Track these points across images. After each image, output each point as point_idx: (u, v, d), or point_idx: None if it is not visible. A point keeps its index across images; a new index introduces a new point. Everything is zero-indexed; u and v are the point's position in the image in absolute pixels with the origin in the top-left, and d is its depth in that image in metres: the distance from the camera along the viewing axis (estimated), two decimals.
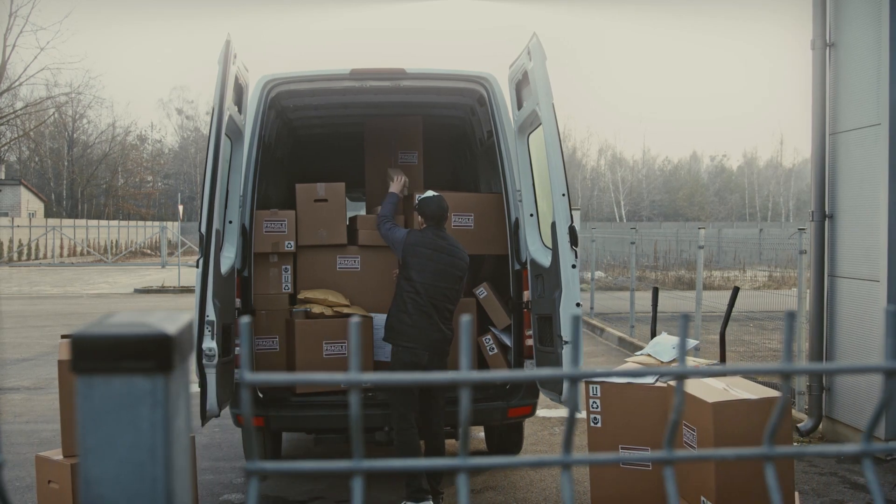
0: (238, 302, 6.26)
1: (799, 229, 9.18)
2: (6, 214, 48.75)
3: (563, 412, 8.67)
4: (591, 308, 17.40)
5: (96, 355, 0.82)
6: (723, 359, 5.47)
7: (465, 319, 1.03)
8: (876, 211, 7.16)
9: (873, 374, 1.11)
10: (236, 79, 5.74)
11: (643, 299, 15.36)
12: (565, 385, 5.54)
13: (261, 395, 6.25)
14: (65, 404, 4.72)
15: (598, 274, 22.60)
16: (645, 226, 53.32)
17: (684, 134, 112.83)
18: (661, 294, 6.22)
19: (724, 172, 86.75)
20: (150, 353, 0.83)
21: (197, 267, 5.36)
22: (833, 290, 7.81)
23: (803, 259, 8.99)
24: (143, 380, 0.83)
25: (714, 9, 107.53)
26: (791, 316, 1.30)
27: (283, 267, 6.81)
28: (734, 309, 5.54)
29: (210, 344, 5.27)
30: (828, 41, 7.81)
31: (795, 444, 7.70)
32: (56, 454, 4.87)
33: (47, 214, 57.76)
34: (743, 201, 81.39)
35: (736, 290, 5.39)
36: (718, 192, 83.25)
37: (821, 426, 8.00)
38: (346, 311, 6.57)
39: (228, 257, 6.05)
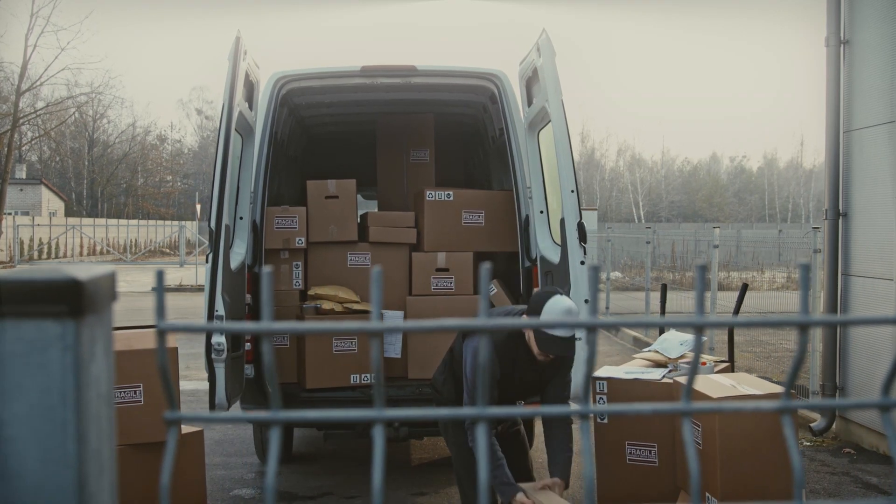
0: (249, 297, 6.29)
1: (813, 228, 9.14)
2: (27, 213, 49.16)
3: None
4: (607, 308, 17.36)
5: (6, 299, 0.84)
6: (731, 356, 5.45)
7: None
8: (889, 209, 7.12)
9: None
10: (247, 75, 5.77)
11: (656, 300, 15.32)
12: (572, 385, 5.52)
13: (270, 391, 6.27)
14: None
15: (616, 274, 22.55)
16: (663, 227, 53.13)
17: (704, 135, 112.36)
18: (677, 295, 6.21)
19: (743, 173, 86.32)
20: (60, 298, 0.85)
21: (207, 262, 5.39)
22: (847, 289, 7.76)
23: (818, 258, 8.93)
24: (53, 324, 0.84)
25: (732, 7, 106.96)
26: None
27: (294, 263, 6.84)
28: (750, 309, 5.52)
29: (219, 339, 5.29)
30: (842, 38, 7.76)
31: (808, 443, 7.66)
32: None
33: (68, 213, 58.20)
34: (763, 202, 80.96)
35: (745, 287, 5.37)
36: (738, 192, 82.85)
37: (834, 426, 7.94)
38: (356, 307, 6.59)
39: (239, 253, 6.07)
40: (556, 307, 4.19)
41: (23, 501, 0.80)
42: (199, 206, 30.55)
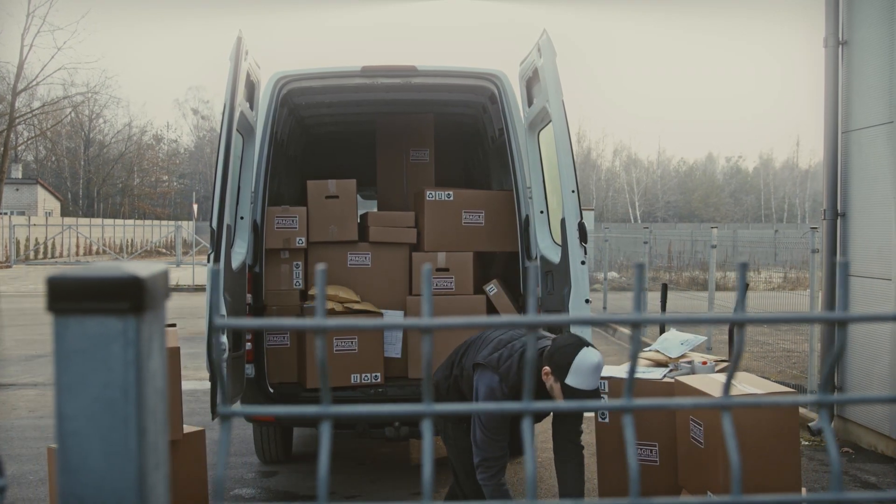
0: (249, 297, 6.30)
1: (811, 228, 9.17)
2: (23, 213, 49.11)
3: None
4: (604, 308, 17.39)
5: (70, 296, 0.86)
6: (731, 355, 5.47)
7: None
8: (888, 209, 7.14)
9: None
10: (248, 75, 5.78)
11: (656, 300, 15.36)
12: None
13: (271, 391, 6.29)
14: None
15: (612, 274, 22.56)
16: (660, 227, 53.21)
17: (700, 135, 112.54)
18: (674, 295, 6.22)
19: (739, 174, 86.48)
20: (122, 295, 0.87)
21: (208, 262, 5.40)
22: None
23: (816, 258, 8.97)
24: (115, 320, 0.86)
25: (728, 8, 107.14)
26: (743, 266, 1.31)
27: (294, 263, 6.84)
28: (749, 309, 5.54)
29: (220, 338, 5.30)
30: (840, 39, 7.79)
31: (806, 442, 7.69)
32: None
33: (63, 213, 58.16)
34: (758, 203, 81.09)
35: (745, 287, 5.39)
36: (734, 193, 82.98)
37: (832, 425, 7.97)
38: (356, 307, 6.60)
39: (240, 253, 6.08)
40: (586, 365, 4.05)
41: (86, 494, 0.82)
42: (195, 206, 30.53)
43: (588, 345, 4.16)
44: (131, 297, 0.86)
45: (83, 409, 0.84)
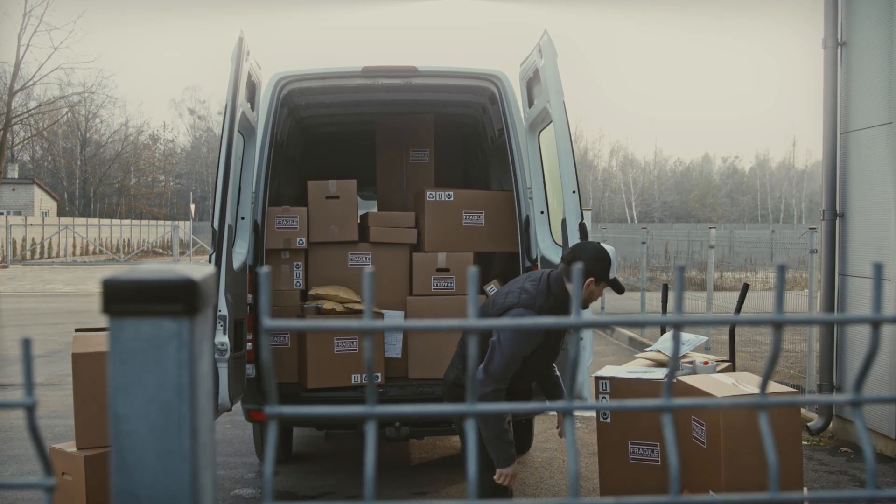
0: (250, 297, 6.30)
1: (810, 228, 9.20)
2: (19, 213, 49.05)
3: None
4: (602, 308, 17.41)
5: (126, 299, 0.87)
6: (732, 356, 5.49)
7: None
8: (887, 210, 7.16)
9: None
10: (249, 76, 5.78)
11: (654, 300, 15.40)
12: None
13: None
14: (78, 397, 4.76)
15: None
16: (656, 227, 53.26)
17: (696, 135, 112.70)
18: (673, 295, 6.22)
19: (736, 174, 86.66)
20: (177, 297, 0.88)
21: (209, 262, 5.40)
22: (844, 289, 7.81)
23: (814, 258, 8.99)
24: (170, 322, 0.88)
25: (726, 9, 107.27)
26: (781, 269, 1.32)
27: (295, 263, 6.85)
28: (747, 309, 5.57)
29: (222, 339, 5.31)
30: (839, 40, 7.81)
31: (805, 443, 7.71)
32: (70, 446, 4.92)
33: (60, 213, 58.10)
34: (755, 203, 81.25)
35: (745, 287, 5.41)
36: (730, 193, 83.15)
37: (831, 425, 7.99)
38: (357, 307, 6.60)
39: (240, 253, 6.09)
40: (614, 256, 4.54)
41: (141, 493, 0.83)
42: (193, 207, 30.53)
43: (593, 242, 4.70)
44: (185, 300, 0.88)
45: (138, 409, 0.85)
